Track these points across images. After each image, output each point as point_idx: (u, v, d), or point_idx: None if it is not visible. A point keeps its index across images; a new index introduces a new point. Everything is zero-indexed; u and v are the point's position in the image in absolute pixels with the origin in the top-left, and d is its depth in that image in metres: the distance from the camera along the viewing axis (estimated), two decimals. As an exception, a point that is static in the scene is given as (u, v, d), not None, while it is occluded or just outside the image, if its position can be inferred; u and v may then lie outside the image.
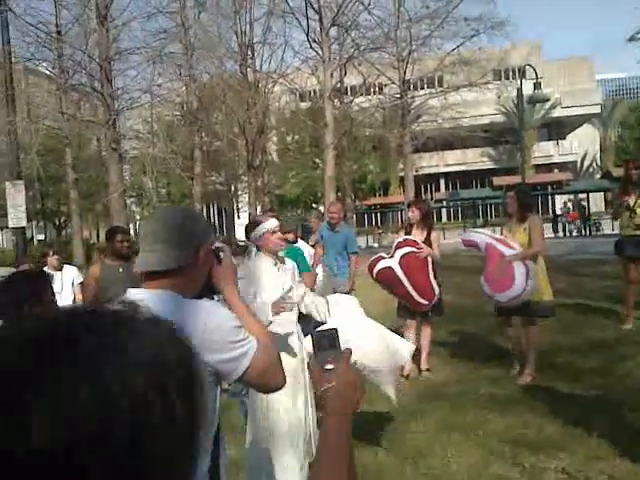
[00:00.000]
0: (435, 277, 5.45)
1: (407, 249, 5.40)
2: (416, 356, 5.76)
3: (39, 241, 31.73)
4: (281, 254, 3.72)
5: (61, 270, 6.51)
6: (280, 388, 1.68)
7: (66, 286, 6.43)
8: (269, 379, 1.61)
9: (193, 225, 1.63)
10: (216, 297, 1.79)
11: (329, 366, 1.10)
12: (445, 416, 4.49)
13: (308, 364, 1.15)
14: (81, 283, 6.44)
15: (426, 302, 5.40)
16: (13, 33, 13.77)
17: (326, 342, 1.13)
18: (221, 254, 1.66)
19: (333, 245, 6.70)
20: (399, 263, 5.32)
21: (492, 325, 6.99)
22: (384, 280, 5.43)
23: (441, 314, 5.87)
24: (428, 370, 5.63)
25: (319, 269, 6.47)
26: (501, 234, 5.57)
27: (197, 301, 1.56)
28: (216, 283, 1.65)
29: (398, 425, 4.32)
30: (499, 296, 5.01)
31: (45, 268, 6.56)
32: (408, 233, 5.68)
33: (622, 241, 6.91)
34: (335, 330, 1.15)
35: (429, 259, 5.38)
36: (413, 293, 5.32)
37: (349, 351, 1.13)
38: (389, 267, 5.34)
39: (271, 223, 3.56)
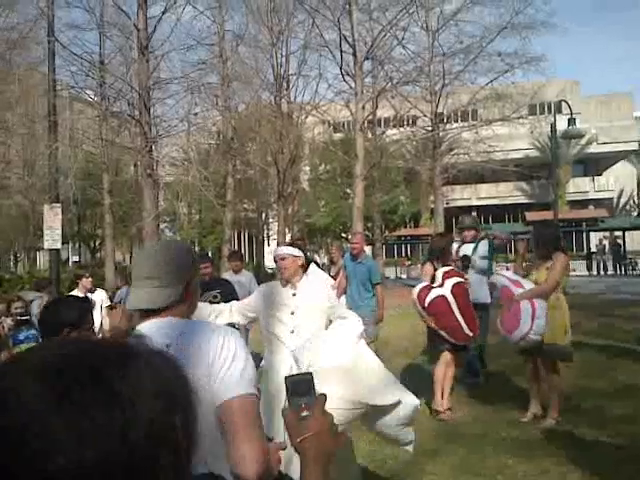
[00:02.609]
0: None
1: (456, 279, 5.35)
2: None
3: (74, 262, 32.45)
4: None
5: (93, 293, 6.68)
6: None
7: (96, 309, 6.58)
8: (234, 437, 1.44)
9: (183, 260, 1.67)
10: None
11: (304, 413, 1.06)
12: (463, 458, 4.39)
13: (282, 411, 1.12)
14: (108, 307, 6.59)
15: (472, 334, 5.34)
16: (59, 62, 14.39)
17: (301, 387, 1.09)
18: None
19: (356, 276, 6.72)
20: (451, 292, 5.25)
21: (516, 364, 6.84)
22: (435, 309, 5.27)
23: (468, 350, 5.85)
24: (449, 409, 5.53)
25: (342, 300, 6.48)
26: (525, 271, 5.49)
27: (204, 323, 1.66)
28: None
29: (414, 465, 4.24)
30: (509, 336, 4.92)
31: (75, 291, 6.73)
32: (435, 267, 5.63)
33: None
34: (310, 375, 1.12)
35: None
36: (462, 323, 5.24)
37: (324, 397, 1.10)
38: (442, 296, 5.25)
39: (277, 251, 3.69)
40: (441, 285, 5.30)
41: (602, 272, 27.75)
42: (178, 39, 29.95)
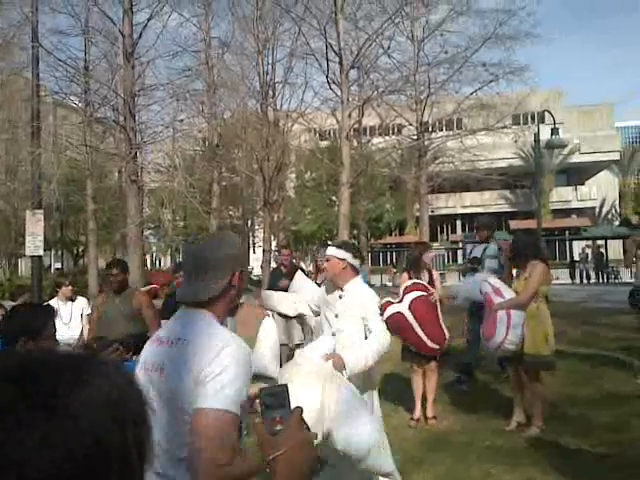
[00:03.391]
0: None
1: (417, 293, 5.34)
2: (422, 403, 5.68)
3: (56, 269, 32.08)
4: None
5: (73, 301, 6.58)
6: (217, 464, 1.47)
7: (75, 317, 6.49)
8: (206, 445, 1.47)
9: (225, 256, 1.75)
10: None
11: (278, 427, 1.02)
12: (448, 467, 4.37)
13: (254, 424, 1.06)
14: (88, 314, 6.51)
15: (438, 347, 5.31)
16: (43, 68, 14.26)
17: (275, 400, 1.04)
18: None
19: None
20: (409, 308, 5.25)
21: (500, 373, 6.86)
22: (394, 325, 5.33)
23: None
24: (434, 418, 5.52)
25: None
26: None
27: (222, 331, 1.67)
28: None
29: (401, 473, 4.21)
30: (486, 345, 4.93)
31: (55, 299, 6.63)
32: (416, 275, 5.64)
33: (636, 290, 6.81)
34: (285, 387, 1.07)
35: (438, 303, 5.30)
36: (425, 338, 5.23)
37: (300, 410, 1.05)
38: (399, 312, 5.26)
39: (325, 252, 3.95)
40: (400, 301, 5.30)
41: (585, 280, 28.02)
42: (164, 46, 29.83)
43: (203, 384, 1.53)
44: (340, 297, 3.63)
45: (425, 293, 5.32)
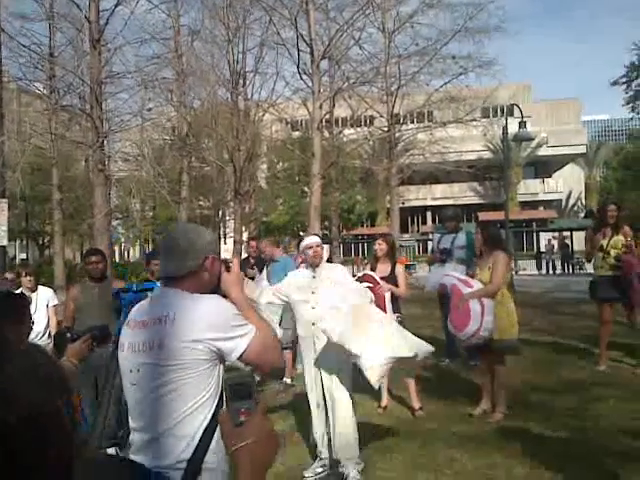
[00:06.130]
0: (397, 311, 5.37)
1: (364, 284, 5.36)
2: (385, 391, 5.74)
3: (21, 260, 31.37)
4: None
5: (35, 291, 6.43)
6: (277, 368, 2.15)
7: (40, 308, 6.34)
8: (265, 361, 1.92)
9: (199, 240, 1.96)
10: None
11: (242, 418, 1.03)
12: (415, 454, 4.44)
13: (219, 415, 1.09)
14: (55, 305, 6.38)
15: None
16: (6, 53, 13.86)
17: (240, 392, 1.05)
18: (230, 264, 2.03)
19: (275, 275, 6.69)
20: None
21: (467, 360, 6.99)
22: None
23: None
24: (421, 409, 5.51)
25: None
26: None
27: (204, 295, 1.88)
28: (224, 288, 1.99)
29: (368, 460, 4.26)
30: (460, 334, 5.01)
31: (20, 289, 6.49)
32: (373, 267, 5.70)
33: (596, 282, 6.98)
34: (252, 378, 1.09)
35: (387, 295, 5.15)
36: None
37: (264, 403, 1.07)
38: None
39: (305, 241, 4.26)
40: None
41: (551, 271, 28.62)
42: (132, 32, 29.25)
43: (221, 338, 1.77)
44: (314, 277, 4.18)
45: (372, 285, 5.29)
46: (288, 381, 6.73)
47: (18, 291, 6.18)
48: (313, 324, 4.06)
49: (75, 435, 0.68)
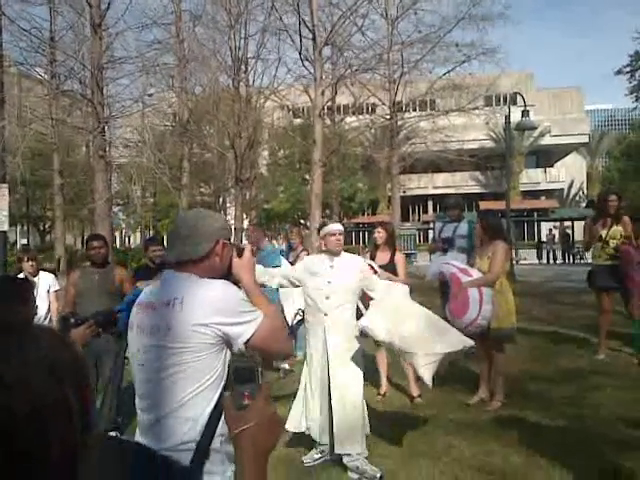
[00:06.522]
0: None
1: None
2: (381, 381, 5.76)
3: (22, 245, 31.41)
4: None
5: (36, 276, 6.43)
6: (285, 357, 2.21)
7: (41, 293, 6.35)
8: (273, 347, 1.92)
9: (211, 224, 1.97)
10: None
11: (245, 402, 1.04)
12: (413, 440, 4.47)
13: (223, 399, 1.10)
14: (56, 291, 6.39)
15: None
16: (6, 37, 13.75)
17: (243, 375, 1.06)
18: (243, 250, 2.02)
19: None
20: None
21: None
22: None
23: None
24: (419, 396, 5.54)
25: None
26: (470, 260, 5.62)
27: (212, 280, 1.88)
28: (235, 273, 1.99)
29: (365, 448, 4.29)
30: (458, 322, 5.03)
31: (22, 274, 6.50)
32: (373, 255, 5.70)
33: (594, 271, 6.98)
34: (255, 363, 1.10)
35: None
36: None
37: (267, 386, 1.08)
38: None
39: (328, 227, 4.11)
40: None
41: (552, 261, 28.63)
42: (133, 17, 29.14)
43: (223, 327, 1.78)
44: (331, 266, 4.06)
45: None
46: (287, 367, 6.77)
47: (21, 276, 6.20)
48: (325, 314, 3.97)
49: (84, 423, 0.67)
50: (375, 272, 4.84)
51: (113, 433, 2.18)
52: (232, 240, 2.02)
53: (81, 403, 0.65)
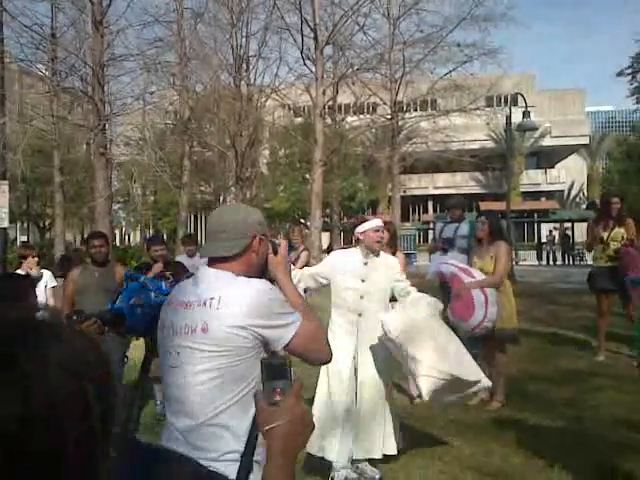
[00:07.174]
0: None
1: None
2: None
3: (22, 242, 31.39)
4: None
5: (38, 272, 6.43)
6: (325, 362, 2.01)
7: (39, 290, 6.35)
8: (312, 351, 1.84)
9: (246, 219, 1.90)
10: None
11: (277, 398, 1.02)
12: (411, 440, 4.46)
13: (255, 394, 1.07)
14: (54, 287, 6.38)
15: None
16: (7, 33, 13.75)
17: (275, 371, 1.05)
18: (278, 247, 1.95)
19: None
20: None
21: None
22: None
23: None
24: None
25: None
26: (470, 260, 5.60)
27: (250, 279, 1.80)
28: (271, 270, 1.92)
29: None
30: (464, 325, 5.01)
31: (20, 270, 6.49)
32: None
33: (594, 273, 6.97)
34: (286, 359, 1.08)
35: None
36: None
37: (299, 383, 1.05)
38: None
39: (373, 222, 3.84)
40: None
41: (551, 262, 28.63)
42: (134, 15, 29.14)
43: (261, 329, 1.69)
44: (365, 264, 3.81)
45: None
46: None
47: (22, 272, 6.19)
48: (360, 315, 3.75)
49: (105, 422, 0.64)
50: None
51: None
52: (268, 235, 1.96)
53: (102, 401, 0.63)
